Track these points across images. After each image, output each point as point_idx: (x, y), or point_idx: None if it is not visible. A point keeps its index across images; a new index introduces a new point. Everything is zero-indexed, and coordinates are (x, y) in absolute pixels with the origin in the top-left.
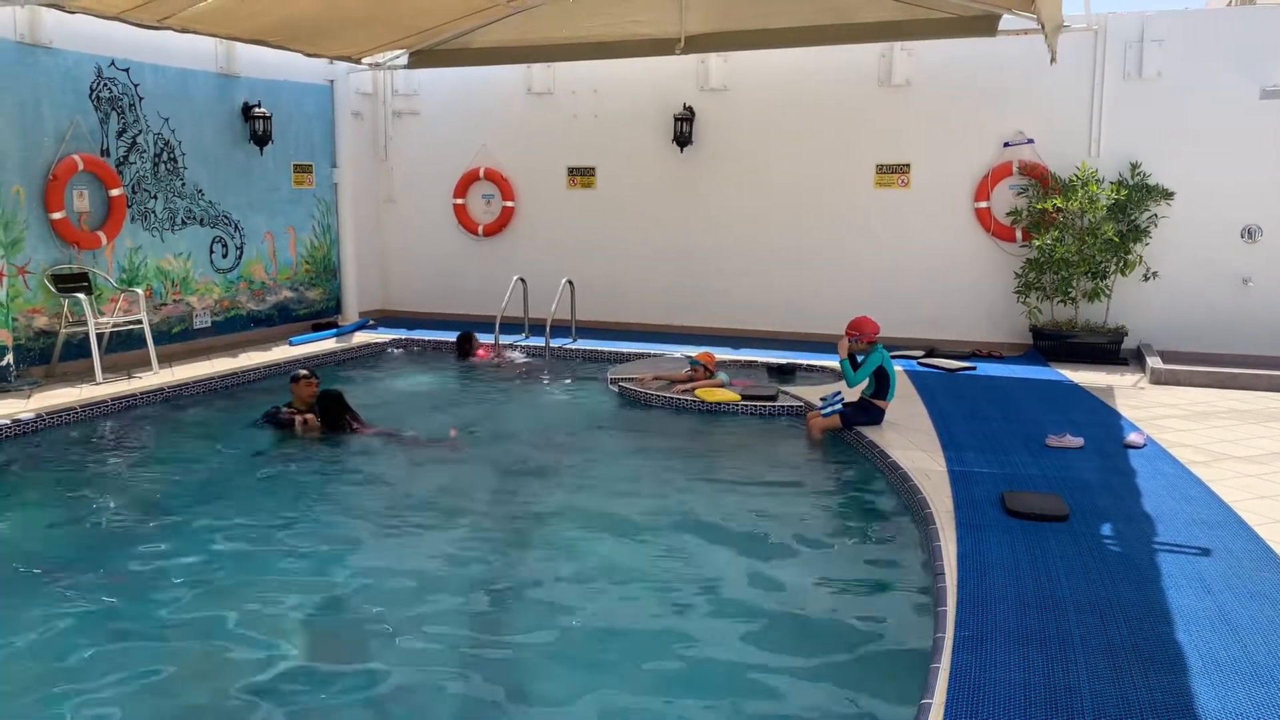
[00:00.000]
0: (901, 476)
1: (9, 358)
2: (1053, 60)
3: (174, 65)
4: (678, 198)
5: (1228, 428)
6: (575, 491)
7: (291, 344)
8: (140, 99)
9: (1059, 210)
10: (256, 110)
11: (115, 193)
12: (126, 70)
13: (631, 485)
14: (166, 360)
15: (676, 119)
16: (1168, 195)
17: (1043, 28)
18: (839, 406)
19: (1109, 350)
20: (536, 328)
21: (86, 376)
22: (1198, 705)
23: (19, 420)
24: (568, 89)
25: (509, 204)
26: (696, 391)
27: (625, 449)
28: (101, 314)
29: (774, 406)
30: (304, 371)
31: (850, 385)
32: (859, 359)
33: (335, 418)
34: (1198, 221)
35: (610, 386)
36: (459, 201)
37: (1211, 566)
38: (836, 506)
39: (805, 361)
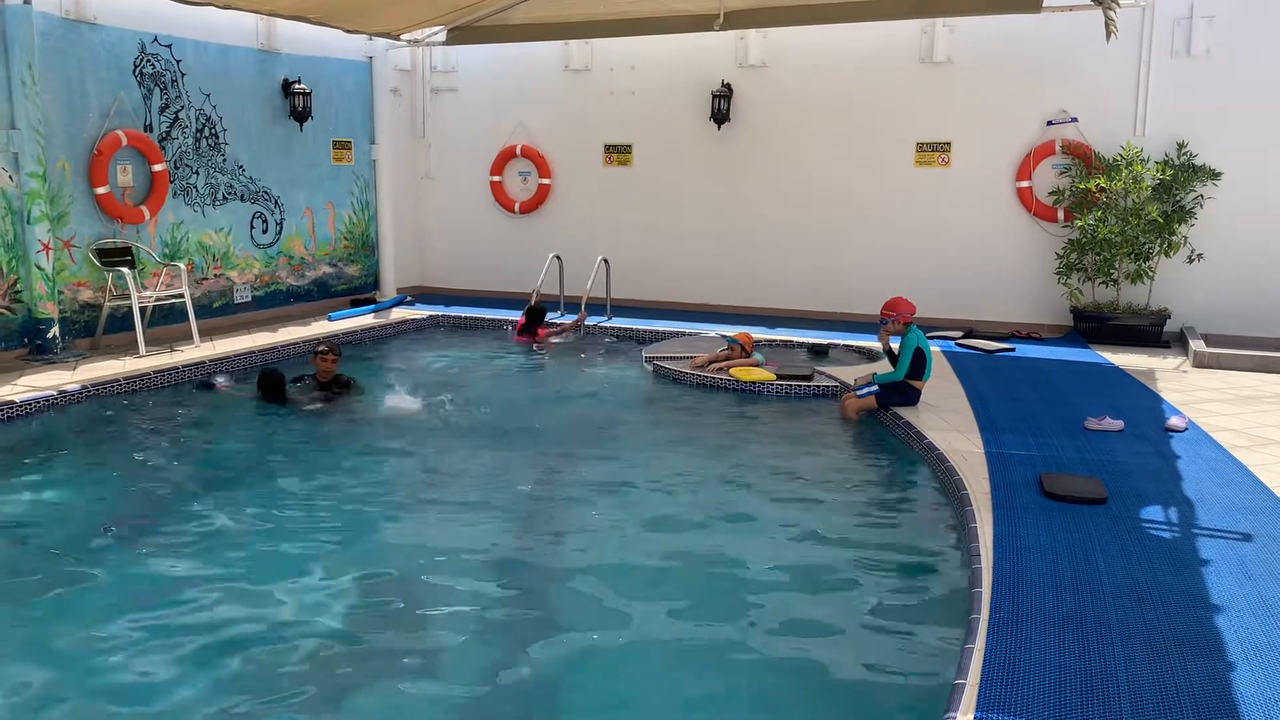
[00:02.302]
0: (938, 458)
1: (55, 330)
2: (1110, 36)
3: (215, 41)
4: (715, 176)
5: (1273, 412)
6: (608, 469)
7: (330, 319)
8: (182, 75)
9: (1102, 190)
10: (296, 87)
11: (158, 168)
12: (169, 46)
13: (665, 465)
14: (207, 334)
15: (714, 96)
16: (1214, 176)
17: (1107, 3)
18: (875, 389)
19: (1151, 333)
20: (572, 305)
21: (130, 349)
22: (1236, 691)
23: (65, 391)
24: (605, 66)
25: (545, 181)
26: (731, 371)
27: (659, 428)
28: (144, 288)
29: (809, 386)
30: (323, 347)
31: (900, 377)
32: (894, 343)
33: (269, 396)
34: (1245, 203)
35: (645, 365)
36: (496, 179)
37: (1253, 552)
38: (871, 487)
39: (842, 341)
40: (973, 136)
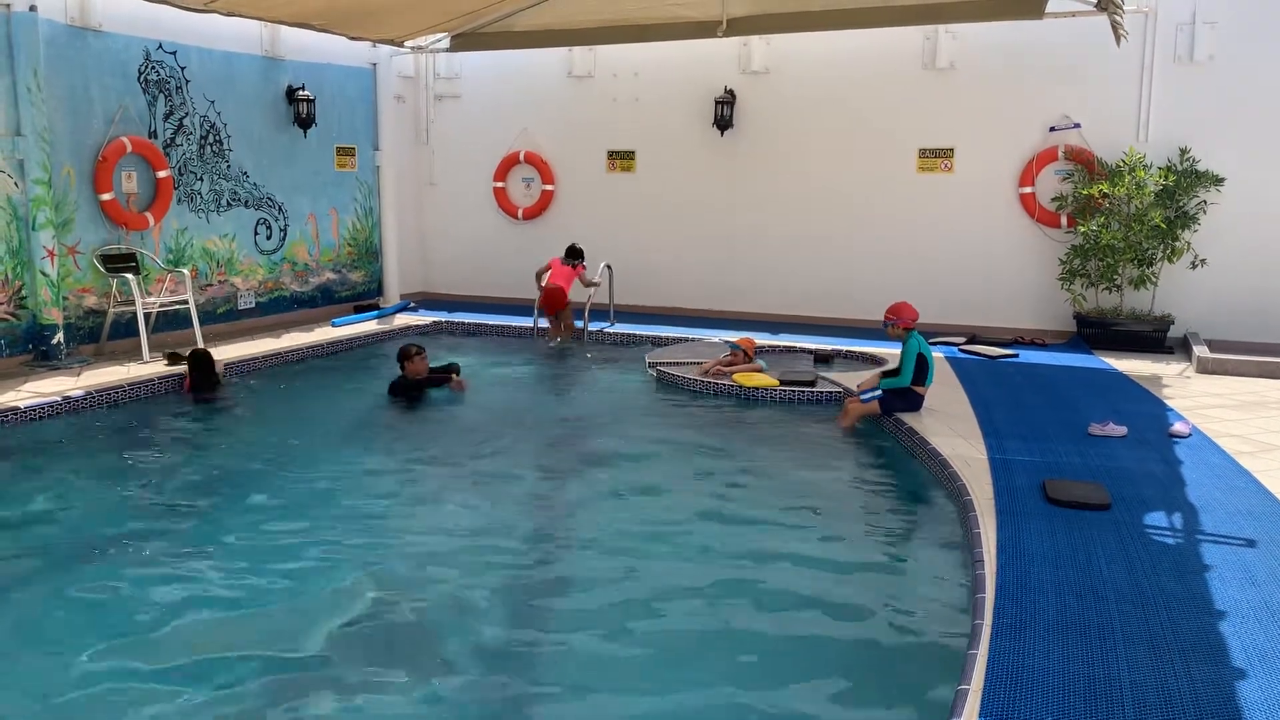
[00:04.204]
0: (941, 464)
1: (59, 336)
2: (1119, 41)
3: (220, 48)
4: (718, 181)
5: (1277, 418)
6: (610, 475)
7: (334, 325)
8: (187, 82)
9: (1105, 196)
10: (300, 93)
11: (162, 174)
12: (174, 53)
13: (668, 470)
14: (211, 340)
15: (717, 102)
16: (1218, 181)
17: (1111, 9)
18: (879, 394)
19: (1154, 338)
20: (575, 312)
21: (134, 355)
22: (1240, 697)
23: (69, 397)
24: (608, 72)
25: (549, 187)
26: (734, 376)
27: (662, 433)
28: (149, 294)
29: (812, 392)
30: (415, 348)
31: (905, 383)
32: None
33: (204, 376)
34: (1248, 208)
35: (649, 370)
36: (499, 185)
37: (1257, 558)
38: (875, 493)
39: (845, 348)
40: (975, 142)
